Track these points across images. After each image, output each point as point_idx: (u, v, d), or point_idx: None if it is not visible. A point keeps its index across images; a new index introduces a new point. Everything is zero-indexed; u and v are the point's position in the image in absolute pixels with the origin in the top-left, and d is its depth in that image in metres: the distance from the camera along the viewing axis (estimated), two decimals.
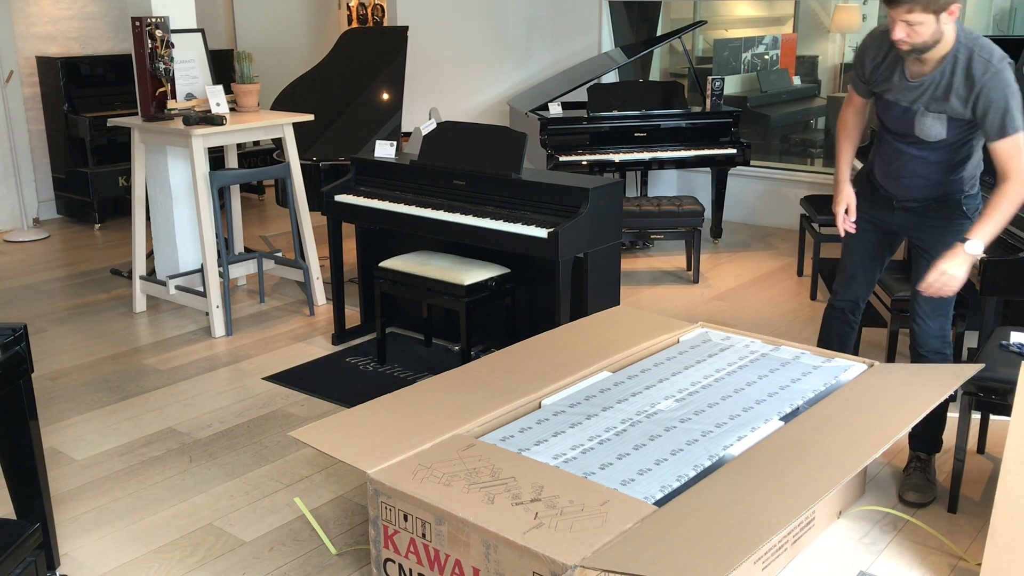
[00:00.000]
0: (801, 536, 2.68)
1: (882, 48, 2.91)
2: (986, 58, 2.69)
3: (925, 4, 2.59)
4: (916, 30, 2.64)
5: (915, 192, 2.99)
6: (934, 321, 3.02)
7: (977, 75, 2.69)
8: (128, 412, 3.75)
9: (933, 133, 2.84)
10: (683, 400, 2.85)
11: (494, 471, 2.39)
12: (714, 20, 7.27)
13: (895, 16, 2.65)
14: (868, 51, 2.97)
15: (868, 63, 2.97)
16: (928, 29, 2.64)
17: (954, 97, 2.75)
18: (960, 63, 2.71)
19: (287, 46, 8.13)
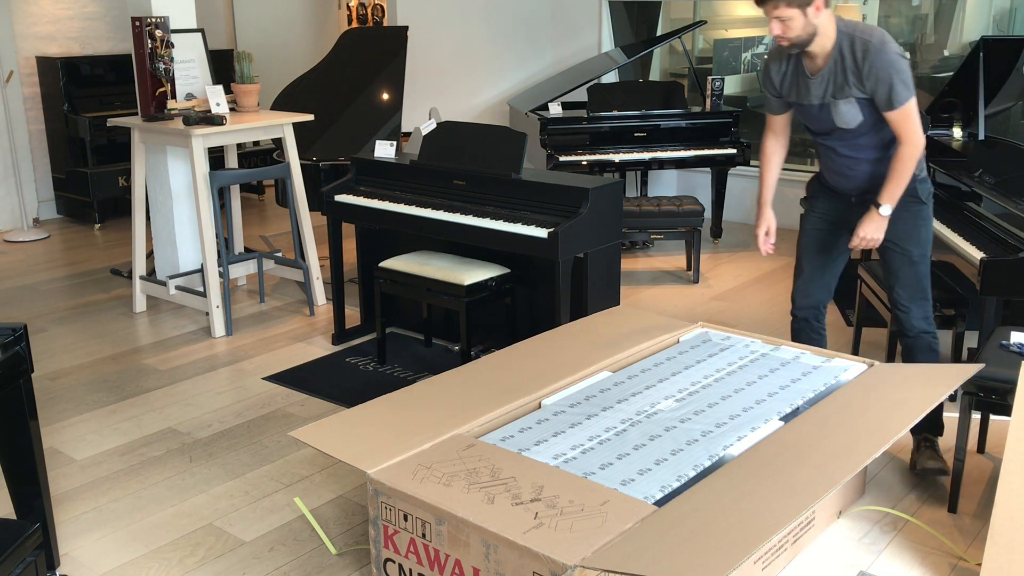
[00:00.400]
0: (801, 536, 2.68)
1: (782, 61, 3.12)
2: (865, 39, 2.90)
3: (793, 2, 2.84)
4: (788, 25, 2.88)
5: (865, 183, 3.13)
6: (917, 307, 3.16)
7: (860, 57, 2.91)
8: (128, 412, 3.75)
9: (851, 119, 3.01)
10: (683, 400, 2.85)
11: (494, 471, 2.39)
12: (714, 20, 7.27)
13: (767, 14, 2.90)
14: (772, 68, 3.16)
15: (775, 78, 3.16)
16: (798, 23, 2.88)
17: (852, 80, 2.95)
18: (846, 50, 2.93)
19: (287, 46, 8.13)
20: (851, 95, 2.97)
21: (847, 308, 4.79)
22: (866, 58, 2.90)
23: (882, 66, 2.89)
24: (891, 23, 6.50)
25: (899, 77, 2.90)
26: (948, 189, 4.06)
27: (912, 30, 6.43)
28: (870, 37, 2.92)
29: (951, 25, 6.23)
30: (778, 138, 3.34)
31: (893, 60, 2.89)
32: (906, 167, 2.97)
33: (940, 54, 6.29)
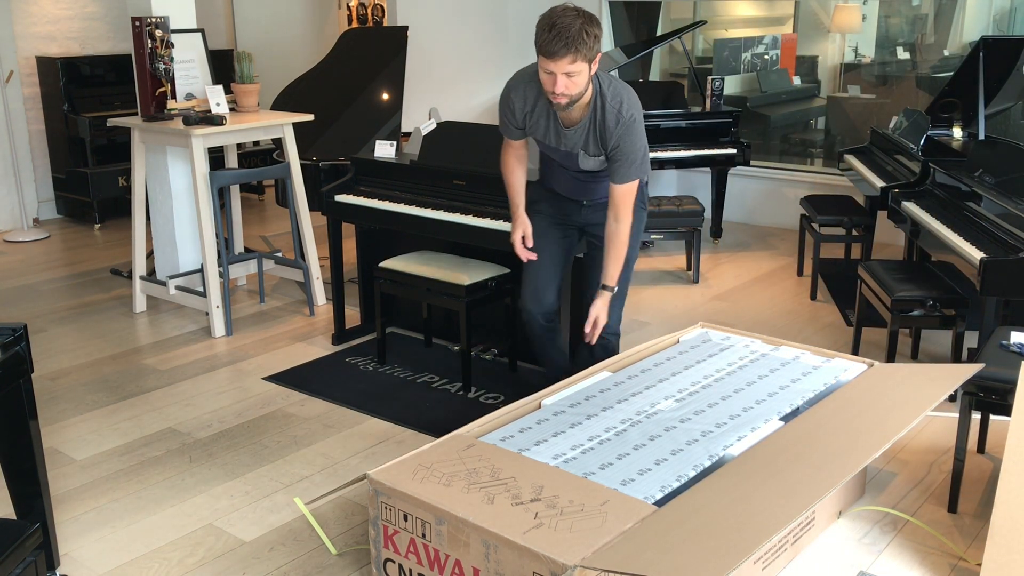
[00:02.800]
0: (801, 536, 2.68)
1: (529, 97, 3.03)
2: (616, 108, 2.91)
3: (585, 53, 2.74)
4: (575, 80, 2.78)
5: (602, 196, 3.16)
6: (614, 313, 3.19)
7: (612, 125, 2.92)
8: (128, 412, 3.75)
9: (593, 165, 3.06)
10: (683, 400, 2.85)
11: (494, 471, 2.40)
12: (714, 20, 7.27)
13: (557, 69, 2.75)
14: (515, 100, 3.06)
15: (518, 112, 3.07)
16: (584, 78, 2.81)
17: (600, 143, 2.97)
18: (599, 111, 2.93)
19: (287, 46, 8.13)
20: (599, 153, 3.00)
21: (847, 308, 4.80)
22: (616, 128, 2.91)
23: (628, 145, 2.92)
24: (891, 23, 6.51)
25: (639, 159, 2.96)
26: (948, 189, 4.06)
27: (912, 30, 6.43)
28: (623, 106, 2.91)
29: (951, 25, 6.23)
30: (519, 155, 3.26)
31: (639, 139, 2.94)
32: (624, 246, 3.04)
33: (940, 54, 6.29)
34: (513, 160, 3.25)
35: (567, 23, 2.70)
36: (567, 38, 2.69)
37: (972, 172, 3.91)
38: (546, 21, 2.74)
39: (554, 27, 2.70)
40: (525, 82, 3.02)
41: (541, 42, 2.74)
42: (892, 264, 4.07)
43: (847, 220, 5.02)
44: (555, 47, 2.71)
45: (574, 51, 2.71)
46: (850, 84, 6.73)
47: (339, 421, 3.64)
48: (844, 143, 6.64)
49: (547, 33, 2.72)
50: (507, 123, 3.15)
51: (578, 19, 2.73)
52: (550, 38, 2.71)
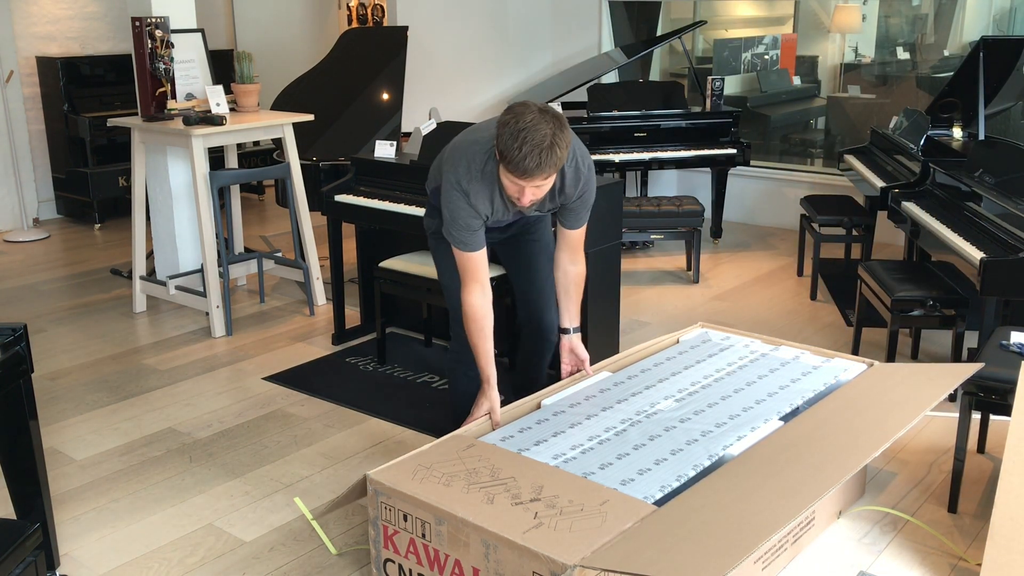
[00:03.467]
0: (801, 536, 2.68)
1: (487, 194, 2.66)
2: (574, 168, 2.72)
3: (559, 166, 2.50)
4: (543, 189, 2.56)
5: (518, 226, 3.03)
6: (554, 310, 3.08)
7: (571, 188, 2.75)
8: (128, 412, 3.75)
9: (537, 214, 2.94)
10: (683, 400, 2.85)
11: (494, 471, 2.39)
12: (714, 20, 7.27)
13: (528, 185, 2.49)
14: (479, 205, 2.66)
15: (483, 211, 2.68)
16: (551, 183, 2.59)
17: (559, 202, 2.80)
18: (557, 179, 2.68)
19: (287, 46, 8.13)
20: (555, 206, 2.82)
21: (847, 308, 4.79)
22: (576, 186, 2.74)
23: (589, 193, 2.80)
24: (891, 23, 6.51)
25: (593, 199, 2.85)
26: (948, 189, 4.06)
27: (912, 30, 6.43)
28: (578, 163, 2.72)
29: (951, 25, 6.23)
30: (487, 295, 2.75)
31: (594, 183, 2.82)
32: (582, 289, 2.97)
33: (940, 54, 6.29)
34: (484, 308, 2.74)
35: (539, 137, 2.40)
36: (539, 156, 2.41)
37: (972, 172, 3.91)
38: (513, 130, 2.41)
39: (525, 141, 2.39)
40: (479, 179, 2.63)
41: (510, 157, 2.42)
42: (892, 264, 4.07)
43: (847, 220, 5.02)
44: (528, 166, 2.42)
45: (548, 168, 2.45)
46: (850, 84, 6.73)
47: (339, 421, 3.64)
48: (844, 143, 6.63)
49: (517, 149, 2.40)
50: (470, 232, 2.67)
51: (548, 126, 2.42)
52: (521, 155, 2.40)
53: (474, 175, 2.63)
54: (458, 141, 2.75)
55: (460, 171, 2.64)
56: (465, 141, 2.72)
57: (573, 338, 3.01)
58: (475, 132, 2.76)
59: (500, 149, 2.46)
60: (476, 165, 2.63)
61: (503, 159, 2.47)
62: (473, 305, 2.73)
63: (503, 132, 2.45)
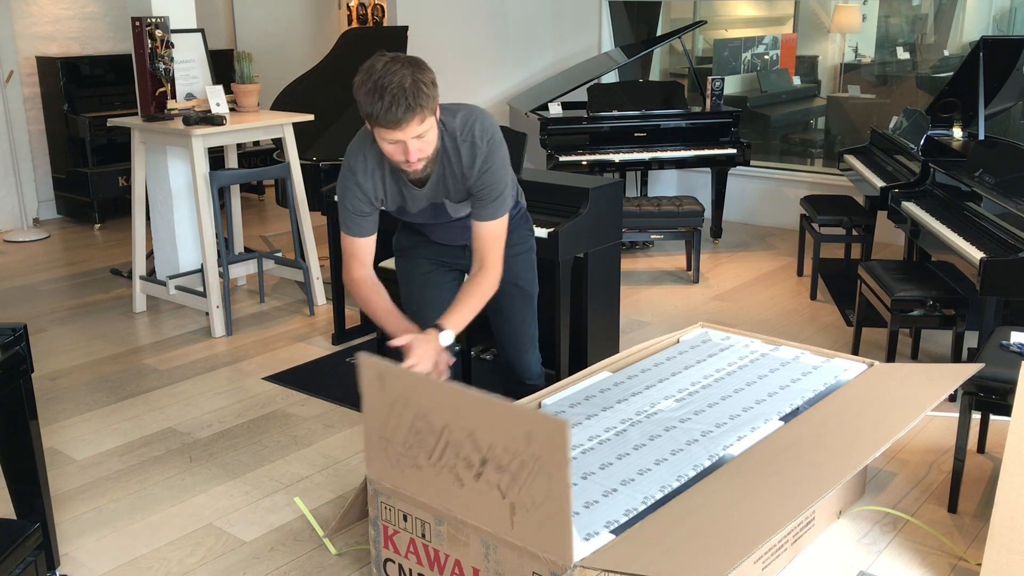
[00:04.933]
0: (801, 536, 2.68)
1: (375, 176, 2.48)
2: (470, 138, 2.45)
3: (430, 105, 2.27)
4: (427, 139, 2.32)
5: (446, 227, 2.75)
6: (531, 354, 2.91)
7: (467, 161, 2.46)
8: (128, 412, 3.75)
9: (464, 211, 2.61)
10: (683, 400, 2.85)
11: (431, 426, 2.36)
12: (714, 20, 7.27)
13: (405, 136, 2.26)
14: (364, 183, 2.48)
15: (371, 195, 2.49)
16: (435, 132, 2.36)
17: (463, 185, 2.51)
18: (451, 151, 2.46)
19: (287, 46, 8.13)
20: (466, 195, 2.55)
21: (847, 308, 4.80)
22: (477, 160, 2.45)
23: (492, 175, 2.47)
24: (891, 23, 6.51)
25: (507, 185, 2.52)
26: (948, 189, 4.06)
27: (912, 30, 6.43)
28: (476, 129, 2.44)
29: (951, 25, 6.23)
30: (372, 280, 2.57)
31: (503, 164, 2.50)
32: (483, 300, 2.55)
33: (940, 54, 6.29)
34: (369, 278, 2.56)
35: (397, 80, 2.20)
36: (406, 99, 2.20)
37: (972, 172, 3.91)
38: (369, 85, 2.22)
39: (384, 90, 2.20)
40: (364, 157, 2.46)
41: (374, 112, 2.23)
42: (892, 264, 4.07)
43: (847, 220, 5.02)
44: (397, 114, 2.21)
45: (419, 109, 2.22)
46: (850, 84, 6.73)
47: (339, 421, 3.64)
48: (844, 143, 6.64)
49: (379, 101, 2.21)
50: (356, 216, 2.50)
51: (405, 69, 2.23)
52: (385, 106, 2.20)
53: (359, 154, 2.46)
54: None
55: (351, 149, 2.50)
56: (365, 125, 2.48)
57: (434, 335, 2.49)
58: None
59: (365, 112, 2.25)
60: (363, 144, 2.47)
61: (371, 121, 2.26)
62: (356, 279, 2.55)
63: (360, 93, 2.24)
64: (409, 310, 2.75)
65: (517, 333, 2.90)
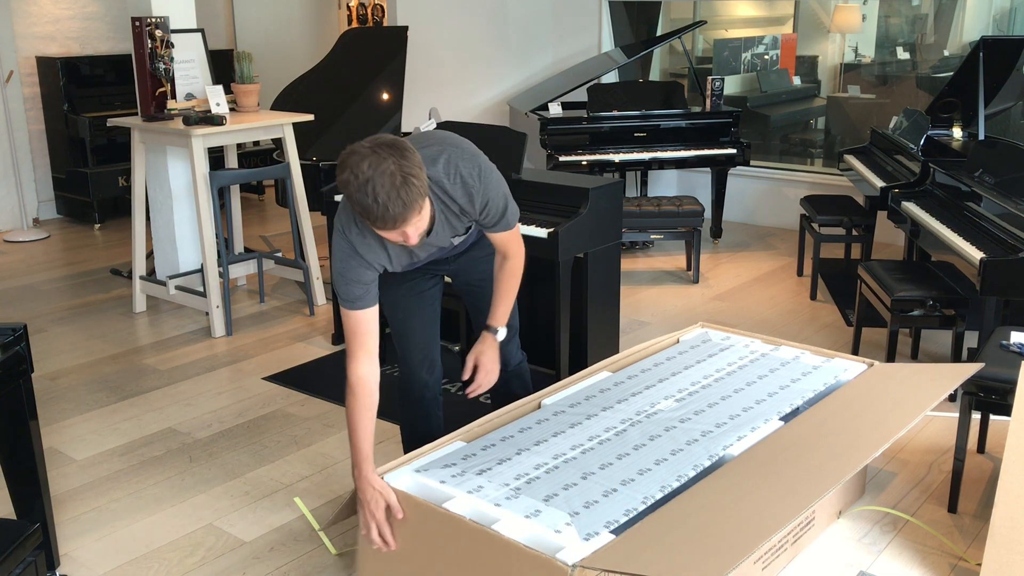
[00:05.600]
0: (801, 536, 2.68)
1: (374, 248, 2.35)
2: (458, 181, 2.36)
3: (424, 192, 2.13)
4: (424, 217, 2.20)
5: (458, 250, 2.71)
6: (513, 342, 2.87)
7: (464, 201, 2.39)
8: (128, 412, 3.75)
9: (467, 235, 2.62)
10: (683, 400, 2.85)
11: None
12: (714, 20, 7.27)
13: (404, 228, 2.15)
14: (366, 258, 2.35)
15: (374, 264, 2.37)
16: (428, 207, 2.25)
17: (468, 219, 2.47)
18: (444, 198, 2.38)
19: (287, 46, 8.13)
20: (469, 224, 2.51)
21: (847, 308, 4.80)
22: (473, 202, 2.39)
23: (493, 195, 2.41)
24: (891, 23, 6.51)
25: (506, 203, 2.46)
26: (948, 189, 4.06)
27: (912, 30, 6.43)
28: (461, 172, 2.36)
29: (951, 25, 6.23)
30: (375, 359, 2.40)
31: (498, 181, 2.44)
32: (518, 283, 2.61)
33: (940, 54, 6.29)
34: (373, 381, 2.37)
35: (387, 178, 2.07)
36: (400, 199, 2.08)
37: (972, 172, 3.91)
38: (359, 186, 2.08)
39: (378, 192, 2.06)
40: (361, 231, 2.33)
41: (370, 215, 2.11)
42: (892, 264, 4.07)
43: (847, 220, 5.02)
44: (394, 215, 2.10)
45: (414, 204, 2.11)
46: (850, 84, 6.73)
47: (339, 421, 3.64)
48: (844, 143, 6.64)
49: (373, 204, 2.08)
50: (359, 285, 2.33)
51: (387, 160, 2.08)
52: (381, 210, 2.08)
53: (351, 228, 2.32)
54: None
55: (341, 226, 2.32)
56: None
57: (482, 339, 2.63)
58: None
59: (359, 213, 2.13)
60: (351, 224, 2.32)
61: (368, 220, 2.14)
62: (361, 378, 2.34)
63: (350, 194, 2.11)
64: (395, 317, 2.72)
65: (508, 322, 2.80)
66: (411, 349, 2.73)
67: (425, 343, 2.73)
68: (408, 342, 2.72)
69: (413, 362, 2.74)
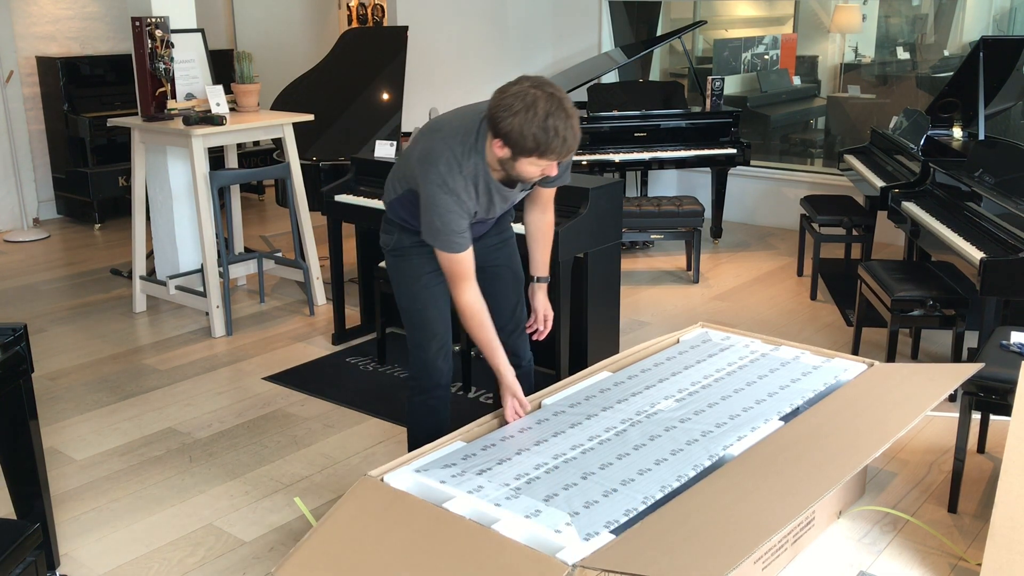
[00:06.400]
0: (801, 536, 2.68)
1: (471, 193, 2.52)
2: None
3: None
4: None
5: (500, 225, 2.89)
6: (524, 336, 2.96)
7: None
8: (128, 412, 3.75)
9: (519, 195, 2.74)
10: (683, 400, 2.85)
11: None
12: (714, 20, 7.27)
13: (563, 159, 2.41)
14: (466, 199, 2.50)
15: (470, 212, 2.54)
16: None
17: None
18: None
19: (287, 46, 8.12)
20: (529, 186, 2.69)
21: (847, 308, 4.80)
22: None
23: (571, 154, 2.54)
24: (891, 23, 6.51)
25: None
26: (948, 189, 4.06)
27: (912, 30, 6.43)
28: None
29: (951, 25, 6.23)
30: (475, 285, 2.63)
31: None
32: (551, 239, 2.90)
33: (940, 54, 6.29)
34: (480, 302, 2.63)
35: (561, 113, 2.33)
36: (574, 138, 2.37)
37: (972, 172, 3.91)
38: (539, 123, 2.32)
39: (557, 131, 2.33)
40: (463, 178, 2.50)
41: (545, 148, 2.34)
42: (892, 264, 4.07)
43: (847, 220, 5.02)
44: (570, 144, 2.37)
45: (577, 141, 2.41)
46: (850, 84, 6.73)
47: (339, 421, 3.64)
48: (844, 143, 6.64)
49: (554, 139, 2.33)
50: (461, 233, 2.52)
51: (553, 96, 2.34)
52: (560, 142, 2.34)
53: (457, 172, 2.48)
54: (424, 144, 2.54)
55: (442, 170, 2.48)
56: (434, 140, 2.52)
57: (537, 288, 2.90)
58: (438, 132, 2.54)
59: (531, 144, 2.34)
60: (457, 161, 2.48)
61: (536, 151, 2.35)
62: (471, 304, 2.60)
63: (522, 127, 2.32)
64: (414, 308, 2.76)
65: (515, 315, 2.92)
66: (430, 338, 2.76)
67: (442, 333, 2.78)
68: (427, 332, 2.76)
69: (431, 351, 2.77)
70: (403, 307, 2.78)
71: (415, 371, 2.82)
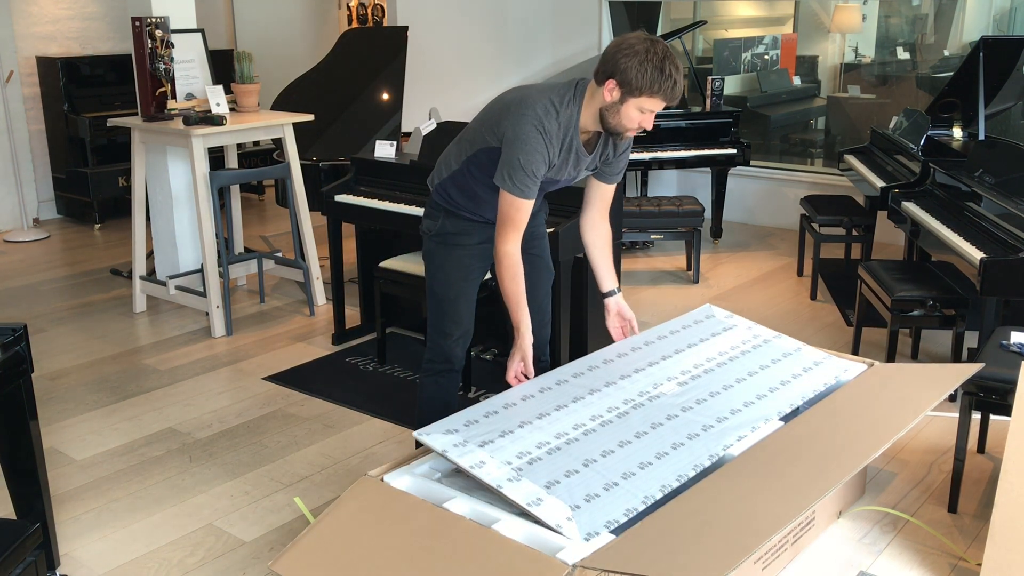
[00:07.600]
0: (801, 536, 2.68)
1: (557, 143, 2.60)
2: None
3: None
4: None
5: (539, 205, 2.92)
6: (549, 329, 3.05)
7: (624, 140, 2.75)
8: (128, 412, 3.75)
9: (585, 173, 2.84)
10: (685, 384, 2.84)
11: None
12: (714, 20, 7.27)
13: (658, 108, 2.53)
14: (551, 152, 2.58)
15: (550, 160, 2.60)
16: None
17: (613, 152, 2.78)
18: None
19: (287, 46, 8.12)
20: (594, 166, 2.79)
21: (847, 308, 4.79)
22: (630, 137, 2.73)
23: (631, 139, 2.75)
24: (891, 23, 6.51)
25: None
26: (948, 189, 4.06)
27: (912, 30, 6.43)
28: None
29: (951, 25, 6.23)
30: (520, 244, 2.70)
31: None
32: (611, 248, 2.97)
33: (940, 54, 6.29)
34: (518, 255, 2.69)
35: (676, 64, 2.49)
36: (679, 88, 2.51)
37: (972, 172, 3.91)
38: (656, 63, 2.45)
39: (672, 73, 2.47)
40: (558, 124, 2.58)
41: (657, 88, 2.47)
42: (892, 264, 4.07)
43: (847, 220, 5.02)
44: (677, 92, 2.50)
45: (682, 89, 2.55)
46: (850, 84, 6.73)
47: (339, 421, 3.64)
48: (844, 143, 6.64)
49: (667, 80, 2.46)
50: (535, 179, 2.59)
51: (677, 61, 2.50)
52: (671, 84, 2.47)
53: (553, 117, 2.56)
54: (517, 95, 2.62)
55: (539, 111, 2.54)
56: (530, 91, 2.61)
57: (619, 299, 2.97)
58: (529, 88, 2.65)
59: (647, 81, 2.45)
60: (555, 107, 2.56)
61: (649, 88, 2.46)
62: (512, 254, 2.65)
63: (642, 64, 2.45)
64: (447, 296, 2.84)
65: (544, 305, 2.99)
66: (456, 324, 2.87)
67: (467, 325, 2.89)
68: (454, 322, 2.86)
69: (455, 336, 2.88)
70: (435, 293, 2.86)
71: (432, 355, 2.91)
